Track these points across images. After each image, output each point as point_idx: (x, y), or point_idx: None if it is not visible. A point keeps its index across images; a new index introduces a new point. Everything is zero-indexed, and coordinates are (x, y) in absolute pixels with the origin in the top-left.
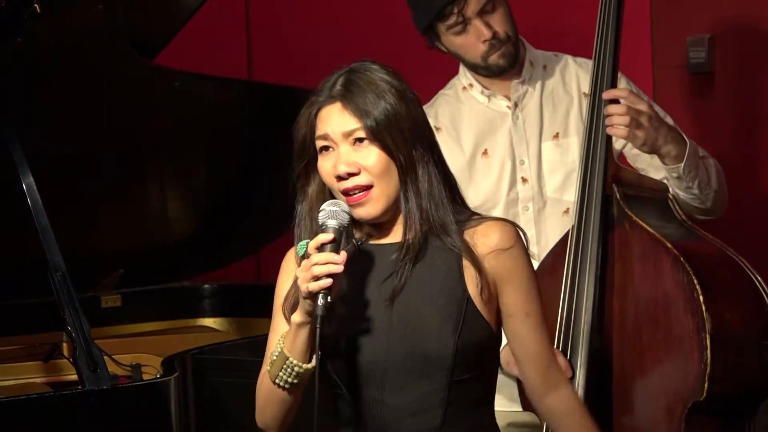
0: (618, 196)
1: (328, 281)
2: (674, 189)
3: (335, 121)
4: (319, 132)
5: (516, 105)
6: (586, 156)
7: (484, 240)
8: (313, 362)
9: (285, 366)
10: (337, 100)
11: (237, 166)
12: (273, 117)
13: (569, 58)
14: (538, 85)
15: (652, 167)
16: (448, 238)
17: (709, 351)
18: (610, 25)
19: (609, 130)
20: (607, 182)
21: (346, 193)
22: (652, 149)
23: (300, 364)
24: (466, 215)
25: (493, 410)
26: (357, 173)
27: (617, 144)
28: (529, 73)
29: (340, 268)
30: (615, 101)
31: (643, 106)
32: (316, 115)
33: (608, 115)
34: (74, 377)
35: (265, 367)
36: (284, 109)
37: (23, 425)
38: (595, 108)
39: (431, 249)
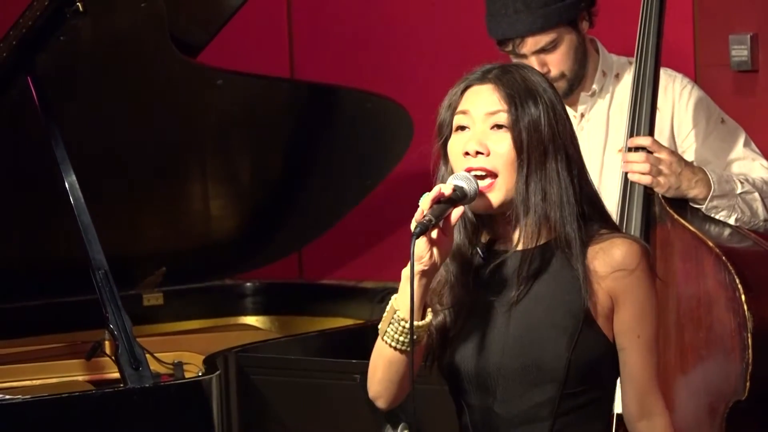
0: (660, 195)
1: (431, 207)
2: None
3: (482, 100)
4: (460, 107)
5: (582, 116)
6: (626, 151)
7: (607, 258)
8: (425, 319)
9: (393, 320)
10: (490, 82)
11: (279, 165)
12: (315, 116)
13: None
14: (608, 97)
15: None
16: (571, 253)
17: (750, 350)
18: (653, 19)
19: (631, 177)
20: None
21: (469, 172)
22: (676, 194)
23: (407, 318)
24: (594, 229)
25: (609, 426)
26: (486, 155)
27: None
28: (600, 83)
29: (449, 191)
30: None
31: (663, 154)
32: (463, 92)
33: (627, 161)
34: (116, 375)
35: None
36: (327, 108)
37: (66, 423)
38: (636, 108)
39: (555, 259)
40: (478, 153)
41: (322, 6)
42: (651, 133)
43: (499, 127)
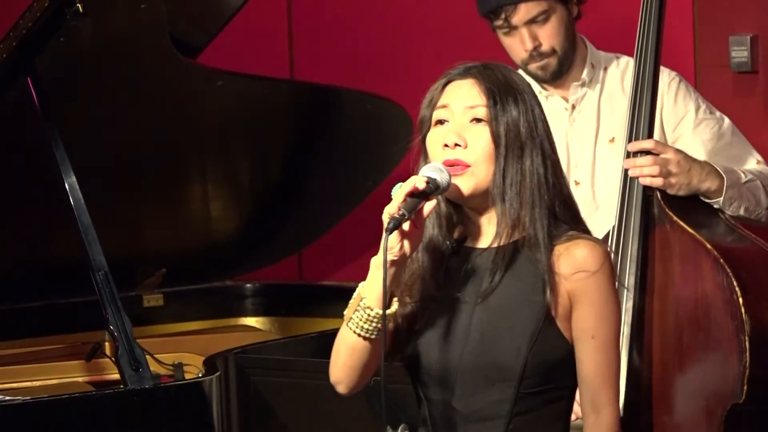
0: (659, 196)
1: (405, 200)
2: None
3: (463, 93)
4: (441, 101)
5: (573, 107)
6: (627, 155)
7: (569, 259)
8: (391, 309)
9: (359, 308)
10: (471, 77)
11: (279, 166)
12: (315, 117)
13: (630, 61)
14: (598, 87)
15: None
16: (537, 252)
17: (748, 353)
18: (652, 20)
19: (642, 181)
20: None
21: (447, 165)
22: (689, 191)
23: (372, 307)
24: (563, 229)
25: (567, 428)
26: (464, 147)
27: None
28: (589, 75)
29: (422, 185)
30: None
31: (669, 153)
32: (443, 87)
33: (635, 167)
34: (116, 376)
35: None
36: (327, 109)
37: (66, 424)
38: (636, 107)
39: (521, 258)
40: (456, 145)
41: (322, 7)
42: (651, 133)
43: (478, 120)
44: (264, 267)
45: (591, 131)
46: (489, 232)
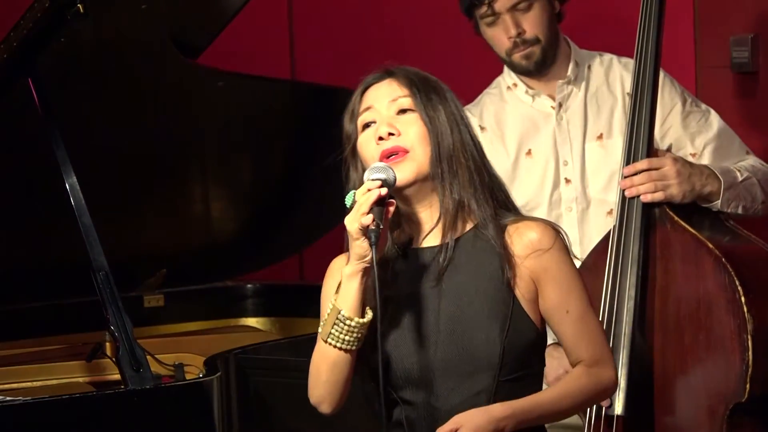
0: None
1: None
2: None
3: (383, 91)
4: (363, 106)
5: (560, 105)
6: (627, 155)
7: (523, 240)
8: (366, 317)
9: (337, 321)
10: (387, 77)
11: (280, 166)
12: (316, 117)
13: (614, 58)
14: (583, 85)
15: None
16: (488, 231)
17: (750, 352)
18: (652, 22)
19: (644, 199)
20: None
21: (385, 156)
22: (692, 197)
23: (352, 317)
24: (507, 214)
25: None
26: (398, 135)
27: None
28: (574, 73)
29: (385, 190)
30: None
31: (667, 165)
32: (362, 94)
33: (632, 186)
34: (117, 377)
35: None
36: (327, 109)
37: (67, 425)
38: (636, 107)
39: (476, 250)
40: (390, 135)
41: (322, 7)
42: (651, 133)
43: (404, 111)
44: (265, 267)
45: (579, 129)
46: (438, 228)
